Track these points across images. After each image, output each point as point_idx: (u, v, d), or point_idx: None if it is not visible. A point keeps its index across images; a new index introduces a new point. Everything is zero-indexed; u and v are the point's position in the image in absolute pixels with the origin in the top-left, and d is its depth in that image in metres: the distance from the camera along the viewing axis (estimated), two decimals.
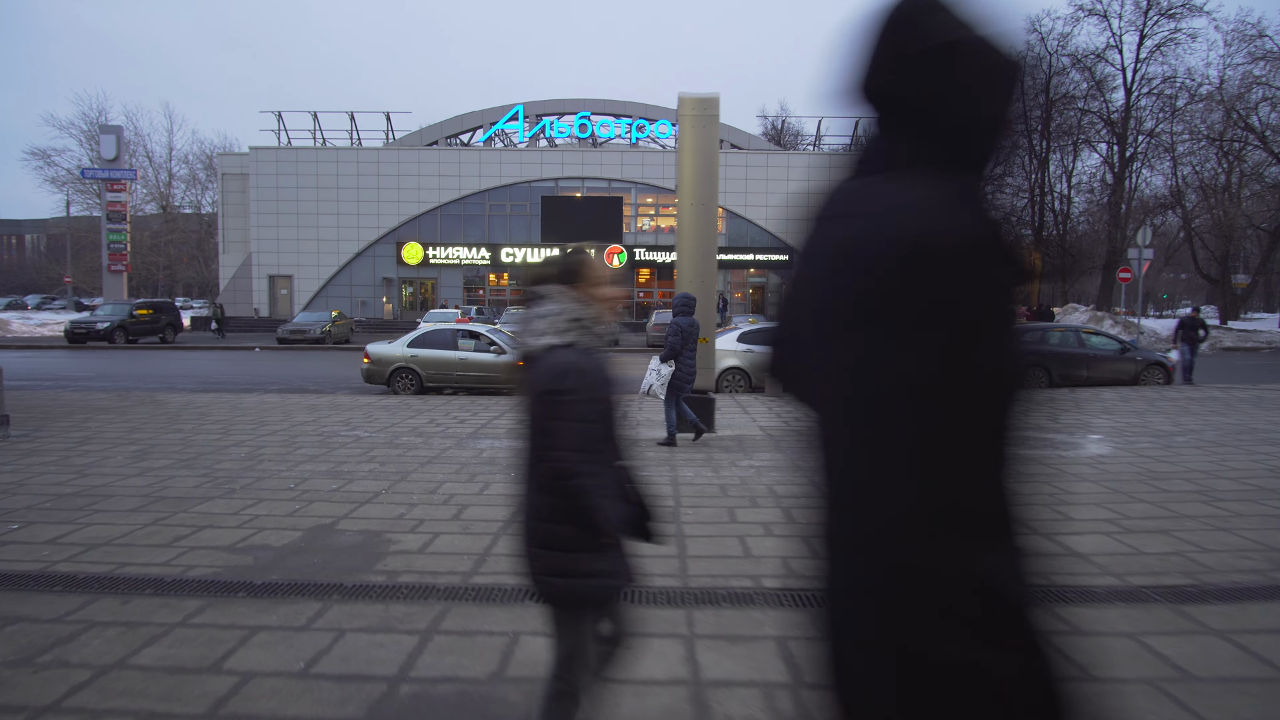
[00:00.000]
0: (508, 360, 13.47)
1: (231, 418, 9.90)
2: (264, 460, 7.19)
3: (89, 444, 7.95)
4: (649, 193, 38.76)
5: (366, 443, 8.21)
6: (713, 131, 9.00)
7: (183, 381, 15.72)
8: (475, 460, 7.34)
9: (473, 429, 9.24)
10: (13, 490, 5.90)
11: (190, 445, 7.93)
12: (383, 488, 6.16)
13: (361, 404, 11.53)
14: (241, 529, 4.93)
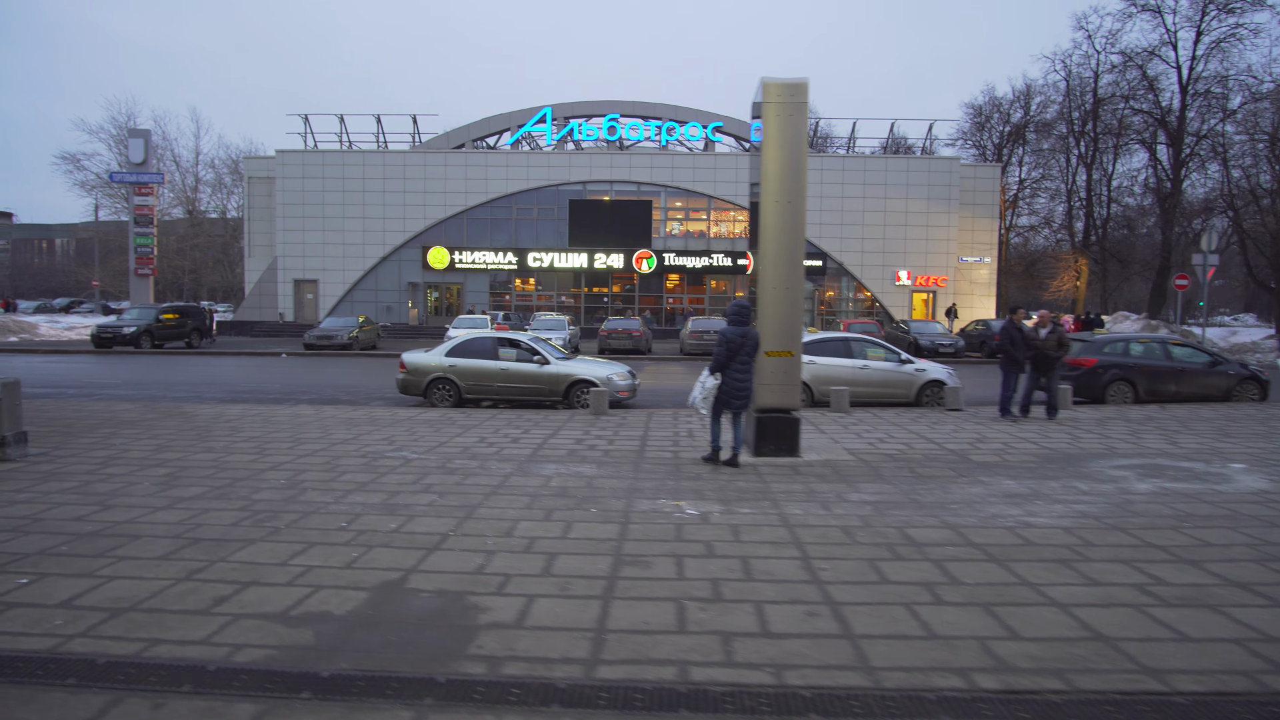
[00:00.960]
0: (551, 372, 12.62)
1: (265, 434, 9.09)
2: (307, 489, 6.34)
3: (113, 465, 7.15)
4: (678, 196, 37.88)
5: (417, 467, 7.34)
6: (800, 120, 8.08)
7: (210, 390, 15.02)
8: (545, 491, 6.44)
9: (529, 450, 8.36)
10: (26, 527, 5.08)
11: (223, 469, 7.10)
12: (449, 527, 5.27)
13: (401, 418, 10.70)
14: (294, 587, 4.06)
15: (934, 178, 37.43)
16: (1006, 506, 6.13)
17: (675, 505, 6.04)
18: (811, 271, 37.68)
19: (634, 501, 6.13)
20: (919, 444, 9.09)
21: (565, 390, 12.65)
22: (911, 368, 13.47)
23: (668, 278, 38.30)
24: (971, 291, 38.50)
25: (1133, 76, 33.48)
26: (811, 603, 4.02)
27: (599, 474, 7.16)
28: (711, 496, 6.35)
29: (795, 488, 6.74)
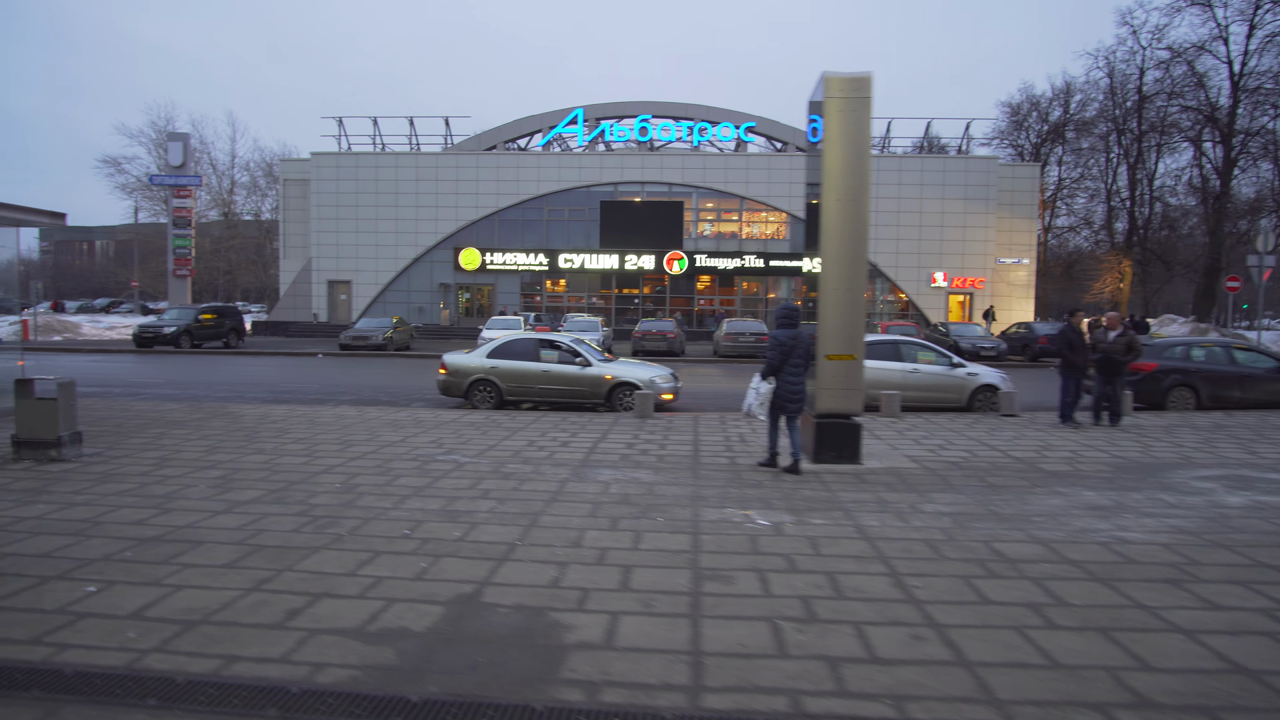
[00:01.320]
0: (594, 374, 12.43)
1: (313, 436, 9.01)
2: (363, 493, 6.20)
3: (167, 466, 7.09)
4: (710, 197, 37.58)
5: (471, 471, 7.18)
6: (863, 116, 7.77)
7: (252, 391, 15.07)
8: (606, 498, 6.23)
9: (581, 454, 8.16)
10: (88, 530, 4.98)
11: (276, 471, 7.00)
12: (514, 536, 5.08)
13: (445, 420, 10.57)
14: (366, 599, 3.88)
15: (971, 177, 36.69)
16: (1094, 520, 5.79)
17: (744, 515, 5.79)
18: None
19: (700, 510, 5.89)
20: (982, 451, 8.74)
21: (607, 393, 12.46)
22: (963, 371, 13.07)
23: (698, 279, 38.03)
24: (1010, 294, 37.68)
25: (1180, 72, 32.49)
26: (913, 624, 3.76)
27: (658, 480, 6.94)
28: (779, 505, 6.09)
29: (864, 497, 6.45)
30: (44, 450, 7.16)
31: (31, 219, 8.98)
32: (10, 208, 8.68)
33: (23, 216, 8.90)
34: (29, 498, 5.81)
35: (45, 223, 9.19)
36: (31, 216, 8.96)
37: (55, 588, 3.93)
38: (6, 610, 3.62)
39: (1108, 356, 11.11)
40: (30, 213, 8.93)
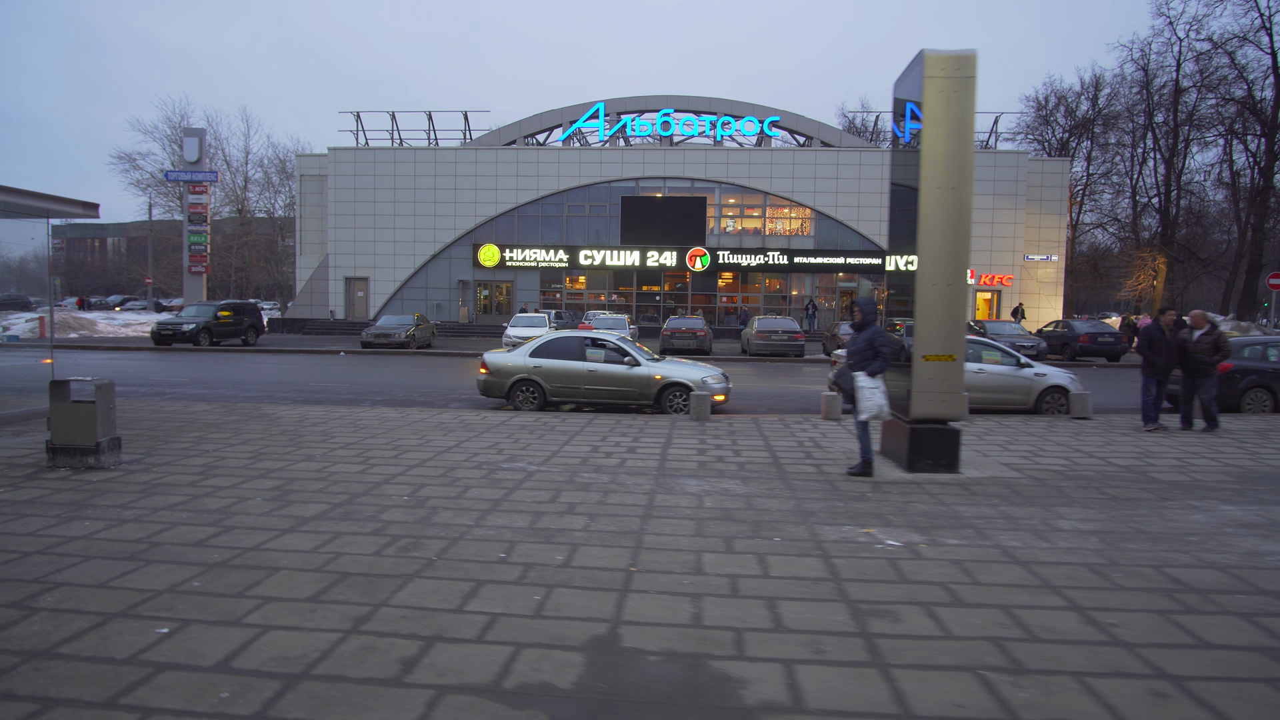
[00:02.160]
0: (643, 374, 11.83)
1: (360, 440, 8.44)
2: (436, 507, 5.61)
3: (214, 475, 6.52)
4: (733, 193, 36.91)
5: (544, 482, 6.58)
6: (968, 97, 7.13)
7: (281, 390, 14.53)
8: (705, 513, 5.62)
9: (654, 461, 7.55)
10: (145, 554, 4.41)
11: (334, 480, 6.42)
12: (624, 561, 4.48)
13: (494, 423, 9.99)
14: (488, 645, 3.29)
15: (1000, 172, 35.90)
16: (1256, 539, 5.15)
17: (866, 533, 5.17)
18: (870, 269, 36.46)
19: (815, 528, 5.27)
20: (1081, 459, 8.09)
21: (657, 394, 11.85)
22: (1030, 372, 12.41)
23: (720, 276, 37.38)
24: (1039, 291, 36.91)
25: (1219, 64, 31.58)
26: (1144, 676, 3.14)
27: (752, 492, 6.33)
28: (899, 522, 5.47)
29: (986, 512, 5.82)
30: (81, 457, 6.61)
31: (62, 209, 8.43)
32: (39, 196, 8.14)
33: (53, 206, 8.35)
34: (72, 513, 5.25)
35: (77, 213, 8.65)
36: (62, 206, 8.41)
37: (122, 629, 3.35)
38: (72, 660, 3.04)
39: (1193, 357, 10.45)
40: (61, 202, 8.39)
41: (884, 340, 7.16)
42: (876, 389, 7.07)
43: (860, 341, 7.23)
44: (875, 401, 7.05)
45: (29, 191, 8.00)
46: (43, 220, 8.99)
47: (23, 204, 8.00)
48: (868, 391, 7.06)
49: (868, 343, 7.16)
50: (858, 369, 7.20)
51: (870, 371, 7.09)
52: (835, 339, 24.38)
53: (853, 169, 36.15)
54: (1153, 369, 10.47)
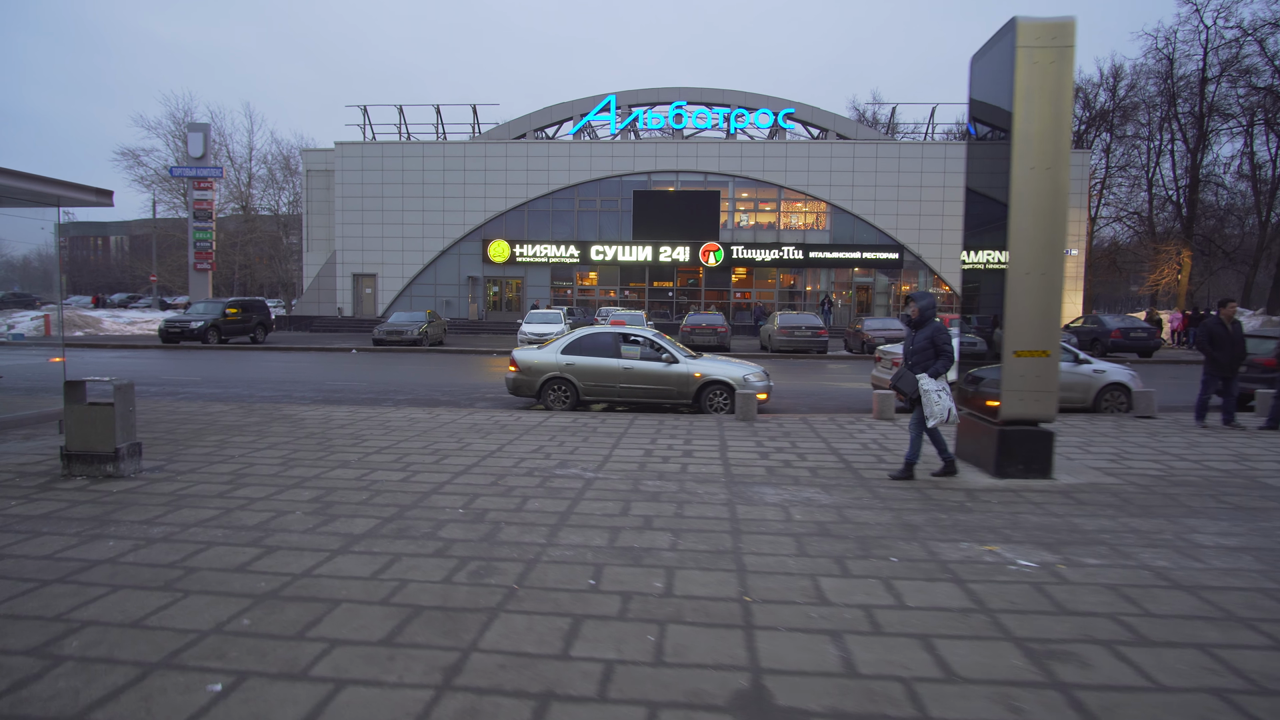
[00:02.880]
0: (681, 371, 11.23)
1: (395, 444, 7.85)
2: (499, 523, 5.02)
3: (245, 484, 5.93)
4: (747, 186, 36.25)
5: (607, 490, 5.99)
6: (1066, 69, 6.51)
7: (297, 389, 13.95)
8: (799, 528, 5.02)
9: (718, 467, 6.95)
10: (182, 582, 3.82)
11: (377, 491, 5.83)
12: (733, 589, 3.88)
13: (531, 424, 9.40)
14: (615, 706, 2.69)
15: None
16: None
17: (989, 551, 4.58)
18: (887, 264, 35.83)
19: (930, 545, 4.67)
20: (1173, 462, 7.48)
21: (696, 392, 11.25)
22: (1089, 368, 11.80)
23: (734, 271, 36.74)
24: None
25: (1248, 52, 30.84)
26: None
27: (838, 502, 5.73)
28: (1019, 537, 4.87)
29: (1106, 524, 5.21)
30: (99, 465, 6.02)
31: (74, 196, 7.83)
32: (48, 181, 7.54)
33: (64, 193, 7.75)
34: (94, 530, 4.66)
35: (90, 201, 8.05)
36: (73, 193, 7.81)
37: (166, 685, 2.76)
38: None
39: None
40: (72, 188, 7.79)
41: (946, 338, 6.58)
42: (942, 391, 6.50)
43: (920, 340, 6.65)
44: (943, 405, 6.46)
45: (36, 176, 7.40)
46: (52, 209, 8.38)
47: (29, 190, 7.39)
48: (934, 395, 6.48)
49: (929, 341, 6.59)
50: (919, 370, 6.61)
51: (934, 373, 6.53)
52: (860, 334, 23.79)
53: (869, 161, 35.48)
54: (1217, 366, 9.88)
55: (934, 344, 6.58)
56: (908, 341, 6.85)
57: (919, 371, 6.61)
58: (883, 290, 36.80)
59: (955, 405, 6.55)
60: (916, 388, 6.59)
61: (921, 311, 6.73)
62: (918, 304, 6.77)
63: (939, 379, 6.54)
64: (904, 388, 6.72)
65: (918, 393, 6.59)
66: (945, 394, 6.48)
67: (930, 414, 6.47)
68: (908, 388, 6.67)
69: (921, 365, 6.61)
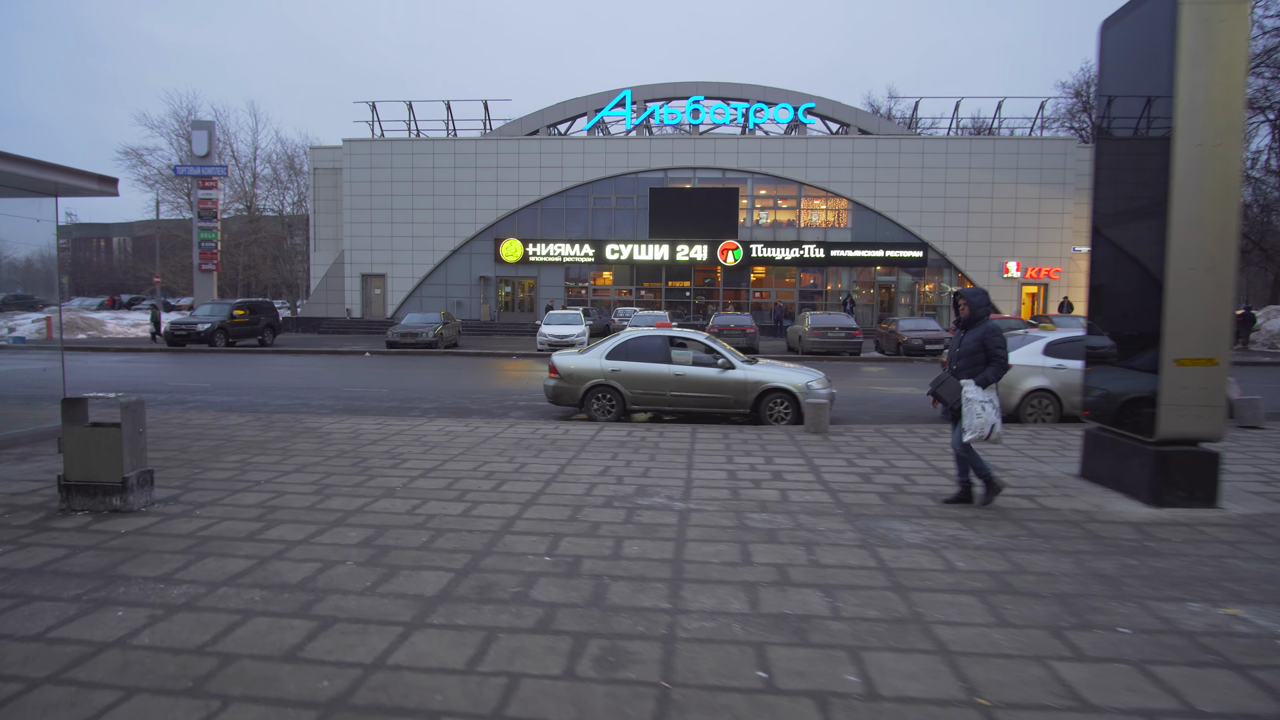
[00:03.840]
0: (738, 378, 10.26)
1: (440, 465, 6.88)
2: (601, 576, 4.05)
3: (277, 521, 4.96)
4: (766, 183, 35.28)
5: (709, 527, 5.01)
6: (1240, 29, 5.52)
7: (314, 396, 12.99)
8: (970, 580, 4.05)
9: (820, 492, 5.98)
10: (214, 680, 2.84)
11: (437, 529, 4.86)
12: (949, 682, 2.91)
13: (582, 438, 8.43)
14: None
15: (1047, 160, 34.26)
16: None
17: (1231, 615, 3.59)
18: (910, 263, 34.84)
19: (1152, 608, 3.69)
20: None
21: (755, 401, 10.28)
22: None
23: (753, 270, 35.76)
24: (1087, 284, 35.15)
25: None
26: None
27: (994, 543, 4.75)
28: (1251, 594, 3.89)
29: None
30: (103, 498, 5.06)
31: (75, 184, 6.87)
32: (45, 166, 6.59)
33: (63, 180, 6.80)
34: (98, 591, 3.70)
35: (92, 189, 7.09)
36: (74, 181, 6.85)
37: None
38: None
39: None
40: (73, 175, 6.83)
41: (1000, 341, 5.60)
42: (989, 403, 5.54)
43: (969, 342, 5.69)
44: (987, 419, 5.49)
45: (31, 160, 6.45)
46: (50, 200, 7.43)
47: (23, 176, 6.45)
48: (977, 406, 5.52)
49: (979, 344, 5.62)
50: (964, 376, 5.65)
51: (981, 380, 5.56)
52: (894, 335, 22.80)
53: (892, 157, 34.49)
54: None
55: (985, 347, 5.61)
56: (954, 343, 5.89)
57: (965, 377, 5.66)
58: (906, 289, 35.82)
59: (1000, 421, 5.56)
60: (959, 396, 5.63)
61: (973, 309, 5.75)
62: (969, 300, 5.78)
63: (987, 388, 5.57)
64: (945, 395, 5.76)
65: (959, 402, 5.62)
66: (992, 407, 5.52)
67: (969, 427, 5.51)
68: (949, 395, 5.73)
69: (968, 370, 5.65)
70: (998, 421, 5.52)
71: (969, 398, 5.55)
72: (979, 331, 5.68)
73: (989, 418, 5.50)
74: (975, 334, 5.69)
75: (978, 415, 5.50)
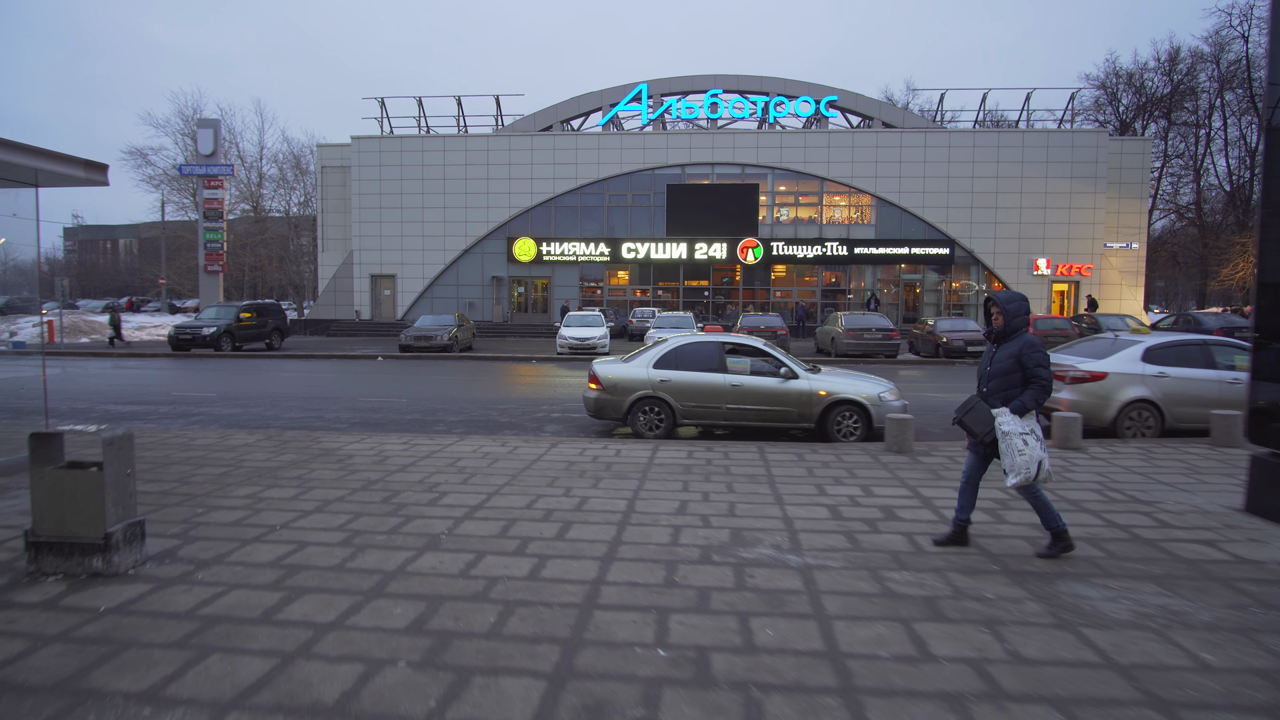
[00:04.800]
0: (802, 389, 9.20)
1: (487, 500, 5.83)
2: (744, 685, 2.98)
3: (299, 590, 3.91)
4: (787, 179, 34.16)
5: (849, 592, 3.95)
6: None
7: (329, 408, 11.96)
8: (1224, 683, 2.98)
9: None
10: None
11: (505, 601, 3.81)
12: None
13: (638, 461, 7.38)
14: None
15: (1078, 153, 33.05)
16: None
17: None
18: (937, 261, 33.70)
19: None
20: None
21: (821, 414, 9.22)
22: None
23: (773, 269, 34.65)
24: (1120, 282, 34.01)
25: None
26: None
27: (1222, 617, 3.67)
28: None
29: None
30: (82, 558, 4.02)
31: (58, 170, 5.83)
32: (21, 149, 5.56)
33: (44, 166, 5.77)
34: (68, 712, 2.64)
35: (78, 177, 6.05)
36: (57, 166, 5.82)
37: None
38: None
39: None
40: (54, 159, 5.80)
41: (1041, 358, 4.47)
42: (1030, 434, 4.38)
43: (1002, 359, 4.56)
44: (1031, 456, 4.34)
45: (5, 141, 5.42)
46: (29, 190, 6.40)
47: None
48: (1017, 440, 4.37)
49: (1014, 361, 4.50)
50: (997, 400, 4.55)
51: (1018, 407, 4.43)
52: (932, 337, 21.68)
53: (917, 151, 33.35)
54: None
55: (1021, 365, 4.49)
56: (985, 359, 4.74)
57: (998, 402, 4.55)
58: (932, 288, 34.66)
59: (1048, 456, 4.41)
60: (992, 427, 4.50)
61: (1008, 318, 4.57)
62: (1003, 307, 4.59)
63: (1026, 417, 4.44)
64: (974, 425, 4.59)
65: (992, 434, 4.50)
66: (1034, 439, 4.37)
67: (1011, 469, 4.38)
68: (979, 426, 4.56)
69: (1002, 394, 4.54)
70: (1045, 457, 4.36)
71: (1005, 430, 4.40)
72: (1015, 346, 4.53)
73: (1033, 453, 4.34)
74: (1010, 349, 4.54)
75: (1019, 452, 4.35)
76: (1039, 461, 4.34)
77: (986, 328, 4.78)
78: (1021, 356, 4.48)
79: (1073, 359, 9.84)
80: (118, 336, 25.60)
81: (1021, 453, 4.33)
